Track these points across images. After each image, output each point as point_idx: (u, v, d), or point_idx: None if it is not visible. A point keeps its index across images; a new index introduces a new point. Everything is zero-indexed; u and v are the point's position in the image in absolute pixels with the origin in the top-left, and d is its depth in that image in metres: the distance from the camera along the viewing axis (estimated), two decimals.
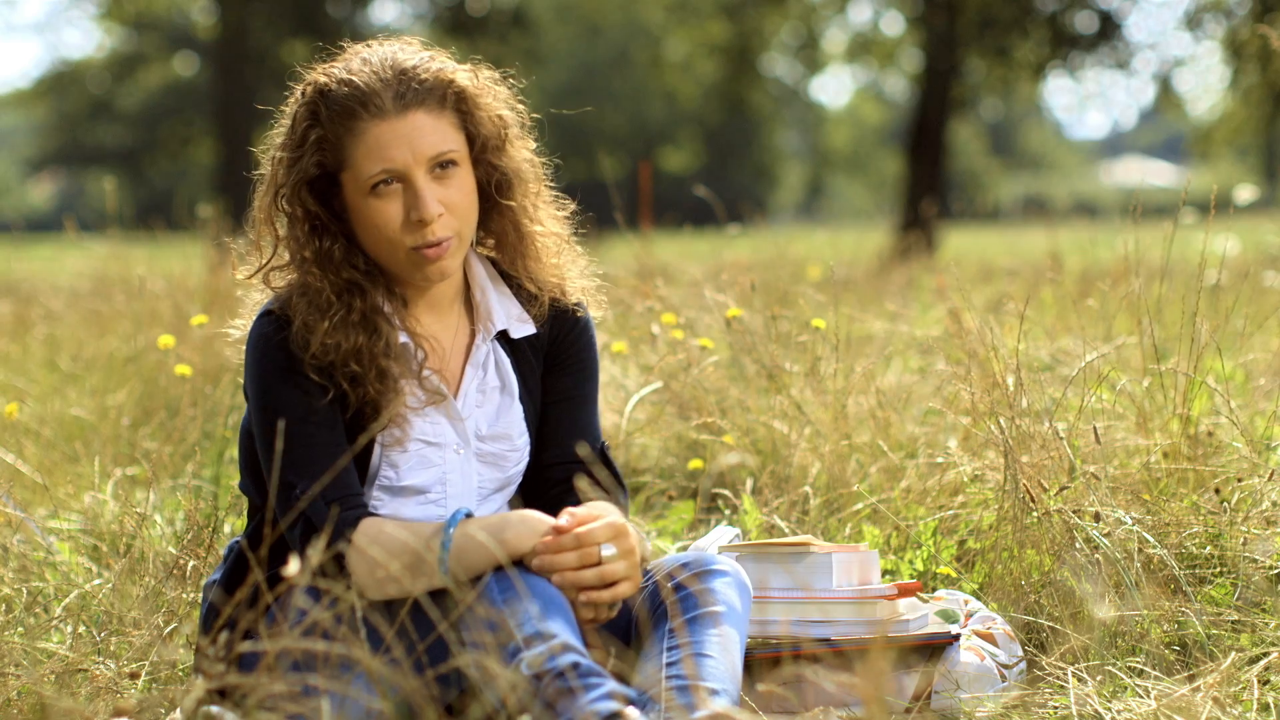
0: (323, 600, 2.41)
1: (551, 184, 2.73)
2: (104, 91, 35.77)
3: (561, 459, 2.68)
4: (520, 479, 2.69)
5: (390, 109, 2.50)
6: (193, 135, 33.32)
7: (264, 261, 2.60)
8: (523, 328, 2.67)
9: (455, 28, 25.11)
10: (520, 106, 2.67)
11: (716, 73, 24.26)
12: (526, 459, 2.68)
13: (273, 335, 2.52)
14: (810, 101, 47.82)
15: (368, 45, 2.60)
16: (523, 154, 2.65)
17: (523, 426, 2.66)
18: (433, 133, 2.51)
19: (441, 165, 2.52)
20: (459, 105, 2.56)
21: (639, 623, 2.53)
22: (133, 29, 34.14)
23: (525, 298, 2.69)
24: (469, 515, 2.47)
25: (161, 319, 5.87)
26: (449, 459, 2.59)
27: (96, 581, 3.24)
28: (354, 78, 2.52)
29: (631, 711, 2.22)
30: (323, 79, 2.55)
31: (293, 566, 2.20)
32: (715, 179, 36.07)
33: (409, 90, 2.51)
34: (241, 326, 2.63)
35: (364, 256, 2.57)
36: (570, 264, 2.71)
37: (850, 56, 23.52)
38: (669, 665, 2.42)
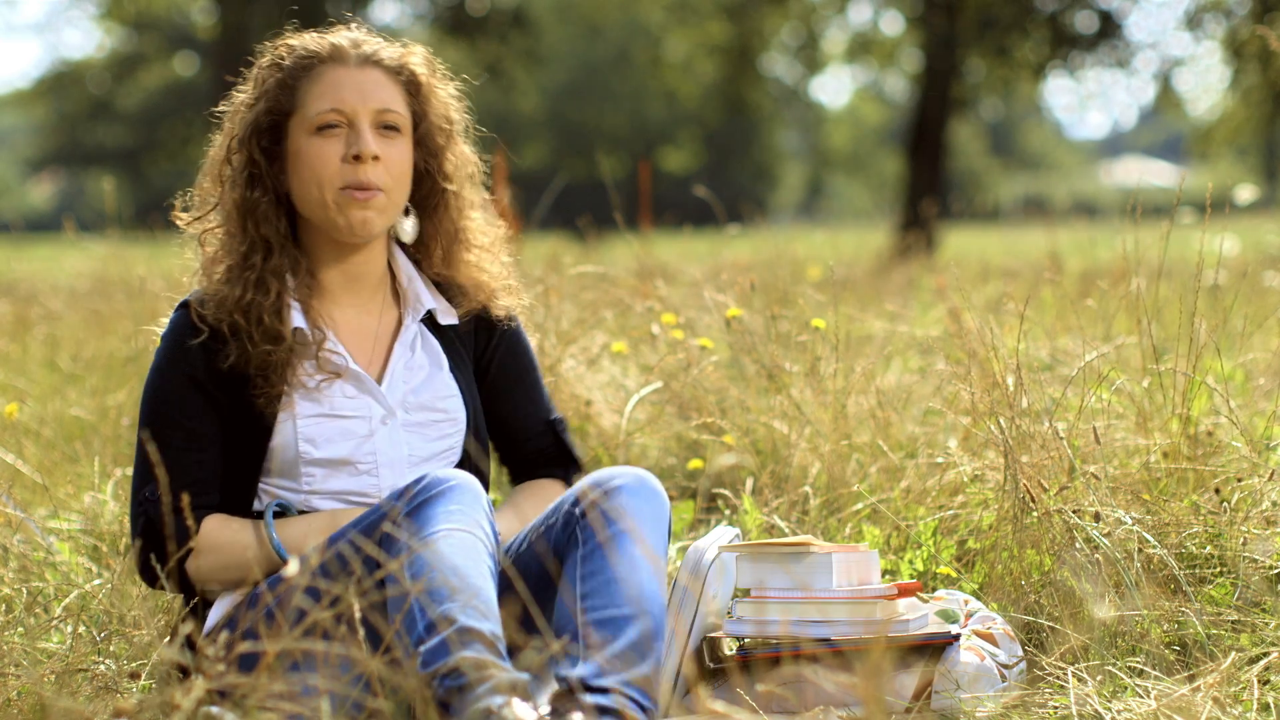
0: (322, 600, 2.42)
1: (487, 190, 2.89)
2: (104, 91, 35.75)
3: (525, 449, 2.90)
4: (460, 452, 2.77)
5: (350, 60, 2.69)
6: (193, 135, 33.29)
7: (203, 212, 2.73)
8: (447, 315, 2.80)
9: (455, 28, 25.10)
10: (465, 114, 2.82)
11: (716, 73, 24.27)
12: (462, 431, 2.76)
13: (180, 322, 2.67)
14: (810, 101, 47.79)
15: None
16: (463, 154, 2.80)
17: (453, 398, 2.75)
18: (384, 90, 2.69)
19: (386, 126, 2.68)
20: (410, 84, 2.73)
21: (551, 558, 2.54)
22: (133, 29, 34.13)
23: (449, 294, 2.81)
24: (281, 509, 2.63)
25: (161, 319, 5.86)
26: (376, 430, 2.67)
27: (96, 581, 3.24)
28: (324, 35, 2.74)
29: (517, 703, 2.20)
30: (290, 39, 2.75)
31: (292, 567, 2.21)
32: (715, 179, 36.08)
33: (370, 53, 2.71)
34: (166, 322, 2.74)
35: (287, 220, 2.69)
36: (500, 274, 2.85)
37: (850, 56, 23.53)
38: (583, 598, 2.41)
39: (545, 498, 2.85)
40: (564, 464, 2.92)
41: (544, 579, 2.57)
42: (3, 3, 63.38)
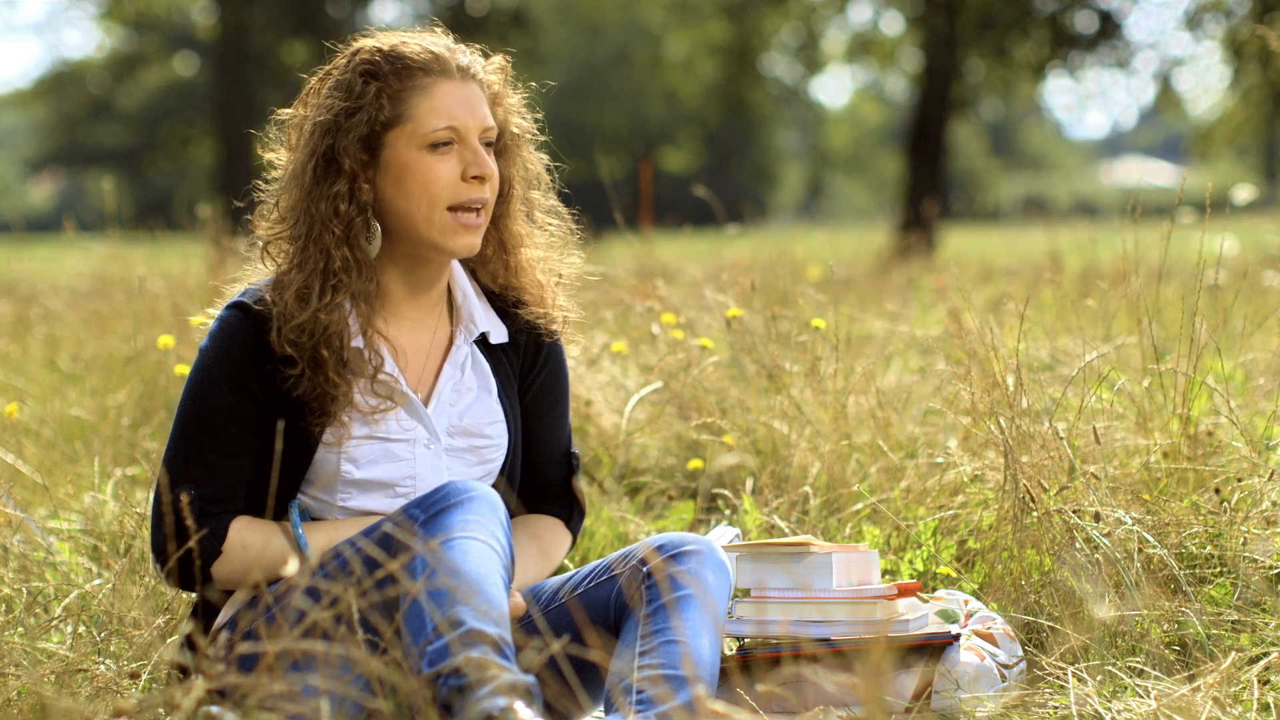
0: (322, 600, 2.41)
1: (559, 191, 2.80)
2: (104, 91, 35.75)
3: (541, 475, 2.82)
4: (496, 474, 2.73)
5: (455, 73, 2.62)
6: (193, 135, 33.32)
7: (286, 224, 2.61)
8: (500, 334, 2.74)
9: (455, 28, 24.85)
10: (530, 117, 2.76)
11: (716, 73, 24.28)
12: (503, 455, 2.72)
13: (236, 326, 2.57)
14: (810, 101, 47.75)
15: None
16: (533, 161, 2.75)
17: (498, 423, 2.70)
18: (484, 105, 2.64)
19: (485, 143, 2.63)
20: (494, 97, 2.68)
21: (620, 610, 2.55)
22: (133, 29, 34.14)
23: (503, 307, 2.75)
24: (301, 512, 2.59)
25: (161, 319, 5.87)
26: (419, 454, 2.63)
27: (96, 581, 3.24)
28: (416, 40, 2.65)
29: (519, 706, 2.19)
30: (375, 43, 2.64)
31: (292, 566, 2.21)
32: (715, 179, 36.08)
33: (468, 65, 2.65)
34: (214, 315, 2.65)
35: (379, 235, 2.61)
36: (557, 285, 2.80)
37: (850, 56, 23.53)
38: (641, 655, 2.42)
39: (551, 540, 2.81)
40: (568, 503, 2.84)
41: (576, 637, 2.57)
42: (3, 3, 63.37)
